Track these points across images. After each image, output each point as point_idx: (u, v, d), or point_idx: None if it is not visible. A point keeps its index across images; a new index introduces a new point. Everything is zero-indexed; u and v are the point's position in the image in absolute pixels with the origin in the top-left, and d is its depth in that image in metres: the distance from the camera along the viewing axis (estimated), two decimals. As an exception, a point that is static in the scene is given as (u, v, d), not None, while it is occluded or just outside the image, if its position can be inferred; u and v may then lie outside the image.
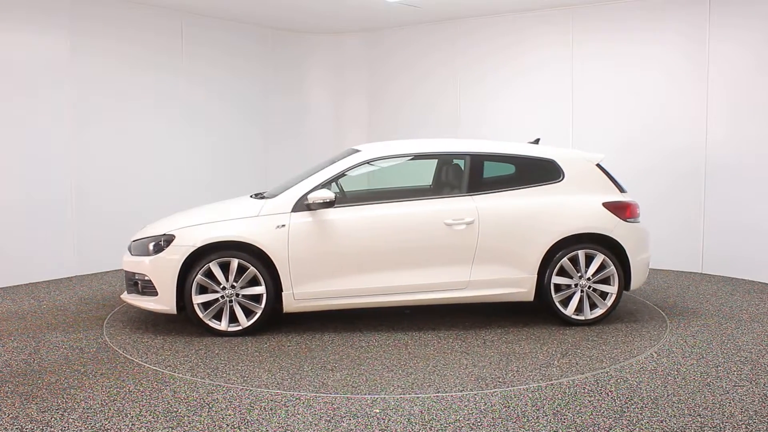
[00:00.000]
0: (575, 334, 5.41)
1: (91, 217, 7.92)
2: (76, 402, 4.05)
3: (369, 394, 4.18)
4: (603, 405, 3.99)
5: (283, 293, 5.42)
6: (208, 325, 5.38)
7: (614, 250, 5.64)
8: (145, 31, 8.37)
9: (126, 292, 5.75)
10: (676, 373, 4.52)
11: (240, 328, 5.39)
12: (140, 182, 8.40)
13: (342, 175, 5.65)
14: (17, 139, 7.28)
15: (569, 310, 5.60)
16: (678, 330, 5.54)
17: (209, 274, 5.35)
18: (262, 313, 5.40)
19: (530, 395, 4.15)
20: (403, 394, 4.17)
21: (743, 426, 3.68)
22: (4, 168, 7.19)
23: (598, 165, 5.85)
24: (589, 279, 5.60)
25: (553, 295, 5.59)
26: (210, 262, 5.32)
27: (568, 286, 5.61)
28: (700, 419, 3.77)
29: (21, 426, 3.72)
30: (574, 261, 5.58)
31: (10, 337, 5.41)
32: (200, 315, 5.36)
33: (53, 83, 7.53)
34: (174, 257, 5.34)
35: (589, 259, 5.60)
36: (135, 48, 8.27)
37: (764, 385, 4.29)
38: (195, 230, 5.43)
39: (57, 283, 7.46)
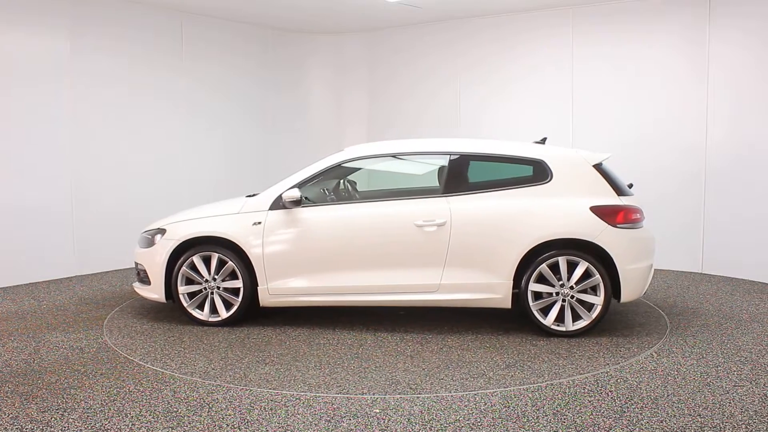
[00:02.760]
0: (546, 345, 5.11)
1: (91, 217, 7.92)
2: (76, 402, 4.05)
3: (287, 390, 4.18)
4: (603, 405, 3.99)
5: (258, 288, 5.61)
6: (191, 314, 5.72)
7: (603, 257, 5.27)
8: (145, 31, 8.37)
9: (136, 281, 6.17)
10: (676, 373, 4.52)
11: (220, 319, 5.67)
12: (140, 182, 8.40)
13: (320, 175, 5.72)
14: (17, 138, 7.28)
15: (549, 320, 5.28)
16: (678, 330, 5.54)
17: (194, 267, 5.68)
18: (239, 306, 5.64)
19: (530, 395, 4.15)
20: (307, 392, 4.20)
21: (743, 426, 3.68)
22: (5, 168, 7.20)
23: (597, 166, 5.48)
24: (572, 288, 5.25)
25: (531, 303, 5.28)
26: (193, 255, 5.66)
27: (550, 294, 5.29)
28: (700, 419, 3.77)
29: (21, 426, 3.72)
30: (556, 268, 5.26)
31: (10, 337, 5.42)
32: (185, 304, 5.71)
33: (53, 83, 7.54)
34: (163, 250, 5.75)
35: (573, 267, 5.26)
36: (135, 48, 8.28)
37: (764, 385, 4.29)
38: (182, 225, 5.81)
39: (57, 283, 7.46)
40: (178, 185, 8.79)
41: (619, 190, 5.45)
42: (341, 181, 6.36)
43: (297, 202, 5.54)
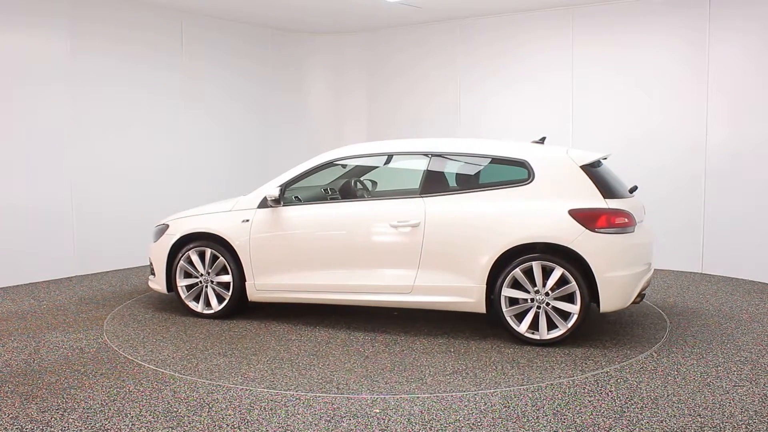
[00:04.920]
0: (512, 353, 4.92)
1: (91, 217, 7.92)
2: (76, 402, 4.05)
3: (241, 385, 4.18)
4: (603, 405, 3.98)
5: (246, 283, 5.79)
6: (188, 306, 5.98)
7: (583, 263, 4.97)
8: (145, 31, 8.37)
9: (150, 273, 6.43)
10: (676, 373, 4.52)
11: (212, 311, 5.90)
12: (140, 182, 8.40)
13: (307, 174, 5.82)
14: (18, 139, 7.28)
15: (522, 327, 5.04)
16: (678, 330, 5.54)
17: (191, 261, 5.95)
18: (229, 300, 5.85)
19: (530, 395, 4.15)
20: (240, 385, 4.28)
21: (743, 426, 3.68)
22: (5, 168, 7.19)
23: (587, 166, 5.19)
24: (547, 294, 5.00)
25: (504, 309, 5.07)
26: (190, 250, 5.93)
27: (525, 301, 5.06)
28: (700, 419, 3.77)
29: (21, 426, 3.72)
30: (531, 273, 5.03)
31: (10, 337, 5.42)
32: (182, 296, 5.99)
33: (54, 83, 7.53)
34: (165, 244, 6.04)
35: (549, 273, 4.99)
36: (135, 48, 8.28)
37: (764, 385, 4.29)
38: (182, 221, 6.09)
39: (57, 283, 7.46)
40: (179, 185, 8.79)
41: (607, 192, 5.12)
42: (355, 180, 6.43)
43: (277, 201, 5.69)
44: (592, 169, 5.23)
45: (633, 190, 5.52)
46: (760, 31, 7.22)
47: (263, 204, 5.76)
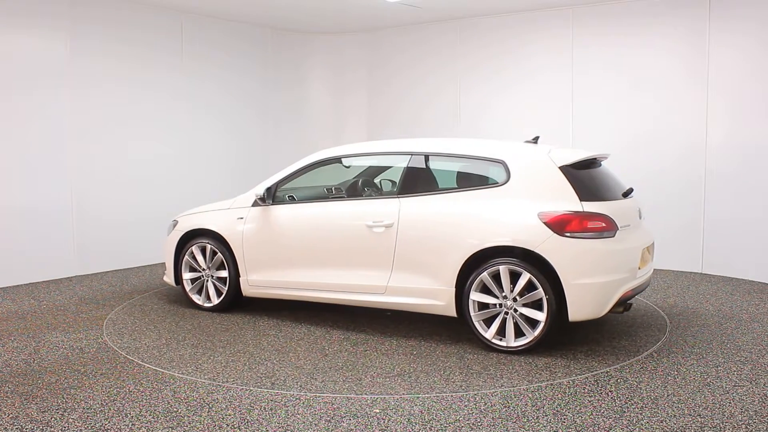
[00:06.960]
0: (473, 358, 4.79)
1: (91, 218, 7.92)
2: (76, 402, 4.05)
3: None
4: (603, 405, 3.99)
5: (240, 279, 5.98)
6: (191, 298, 6.26)
7: (551, 269, 4.72)
8: (145, 31, 8.37)
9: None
10: (676, 373, 4.52)
11: (211, 305, 6.15)
12: (140, 182, 8.40)
13: (296, 174, 5.90)
14: (18, 140, 7.28)
15: (489, 333, 4.87)
16: (678, 330, 5.54)
17: (195, 256, 6.21)
18: (226, 295, 6.07)
19: (530, 395, 4.15)
20: (188, 375, 4.24)
21: (743, 426, 3.68)
22: (5, 168, 7.19)
23: (568, 166, 4.94)
24: (515, 300, 4.81)
25: (472, 313, 4.92)
26: (193, 245, 6.19)
27: (494, 306, 4.88)
28: (700, 419, 3.77)
29: (21, 426, 3.72)
30: (500, 277, 4.84)
31: (10, 337, 5.42)
32: (187, 289, 6.26)
33: (53, 84, 7.53)
34: (173, 239, 6.36)
35: (518, 277, 4.79)
36: (135, 49, 8.27)
37: (764, 385, 4.29)
38: (187, 218, 6.39)
39: (57, 283, 7.46)
40: (178, 185, 8.79)
41: (587, 195, 4.84)
42: (365, 179, 6.42)
43: (263, 200, 5.84)
44: (573, 170, 4.97)
45: (628, 192, 5.27)
46: (760, 33, 7.22)
47: (256, 203, 5.91)
